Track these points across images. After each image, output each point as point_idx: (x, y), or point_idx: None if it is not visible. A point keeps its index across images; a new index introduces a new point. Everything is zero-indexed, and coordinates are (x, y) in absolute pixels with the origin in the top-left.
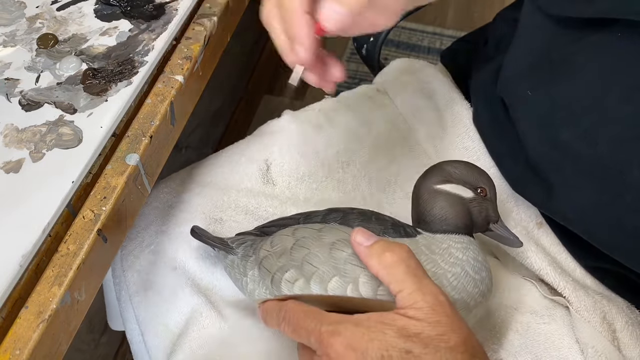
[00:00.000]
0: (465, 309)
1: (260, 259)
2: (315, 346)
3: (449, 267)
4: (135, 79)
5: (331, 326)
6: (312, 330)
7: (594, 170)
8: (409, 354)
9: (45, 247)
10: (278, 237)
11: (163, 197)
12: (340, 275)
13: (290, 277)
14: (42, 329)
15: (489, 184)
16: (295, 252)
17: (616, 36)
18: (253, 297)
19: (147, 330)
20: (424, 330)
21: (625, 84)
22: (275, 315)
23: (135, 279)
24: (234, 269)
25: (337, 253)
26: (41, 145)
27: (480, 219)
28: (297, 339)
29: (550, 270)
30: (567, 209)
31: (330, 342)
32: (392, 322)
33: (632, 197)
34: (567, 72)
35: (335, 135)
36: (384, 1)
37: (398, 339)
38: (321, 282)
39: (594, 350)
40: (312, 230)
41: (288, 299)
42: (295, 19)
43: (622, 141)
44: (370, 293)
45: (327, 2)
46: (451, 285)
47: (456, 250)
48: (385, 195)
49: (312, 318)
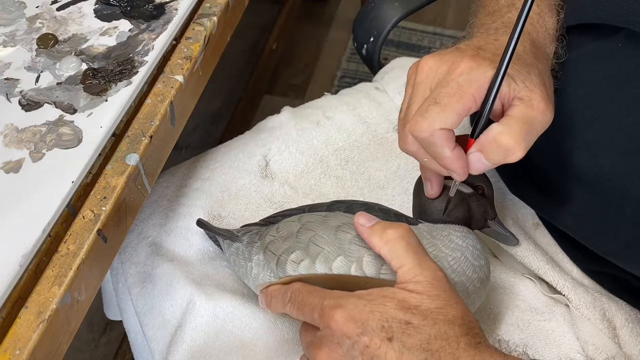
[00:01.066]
0: (464, 292)
1: (266, 243)
2: (318, 321)
3: (450, 252)
4: (135, 78)
5: (333, 300)
6: (315, 305)
7: (594, 181)
8: (408, 325)
9: (45, 247)
10: (284, 223)
11: (162, 190)
12: (345, 255)
13: (296, 258)
14: (42, 329)
15: (486, 183)
16: (301, 235)
17: (617, 46)
18: (257, 282)
19: (145, 322)
20: (423, 303)
21: (627, 95)
22: (280, 298)
23: (133, 271)
24: (238, 256)
25: (342, 235)
26: (41, 145)
27: (478, 214)
28: (301, 318)
29: (549, 269)
30: (565, 215)
31: (331, 314)
32: (392, 295)
33: (633, 209)
34: (567, 82)
35: (334, 132)
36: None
37: (398, 310)
38: (326, 262)
39: (594, 348)
40: (318, 216)
41: (293, 282)
42: (447, 163)
43: (624, 153)
44: (373, 272)
45: (475, 153)
46: (451, 268)
47: (456, 237)
48: (384, 192)
49: (316, 295)
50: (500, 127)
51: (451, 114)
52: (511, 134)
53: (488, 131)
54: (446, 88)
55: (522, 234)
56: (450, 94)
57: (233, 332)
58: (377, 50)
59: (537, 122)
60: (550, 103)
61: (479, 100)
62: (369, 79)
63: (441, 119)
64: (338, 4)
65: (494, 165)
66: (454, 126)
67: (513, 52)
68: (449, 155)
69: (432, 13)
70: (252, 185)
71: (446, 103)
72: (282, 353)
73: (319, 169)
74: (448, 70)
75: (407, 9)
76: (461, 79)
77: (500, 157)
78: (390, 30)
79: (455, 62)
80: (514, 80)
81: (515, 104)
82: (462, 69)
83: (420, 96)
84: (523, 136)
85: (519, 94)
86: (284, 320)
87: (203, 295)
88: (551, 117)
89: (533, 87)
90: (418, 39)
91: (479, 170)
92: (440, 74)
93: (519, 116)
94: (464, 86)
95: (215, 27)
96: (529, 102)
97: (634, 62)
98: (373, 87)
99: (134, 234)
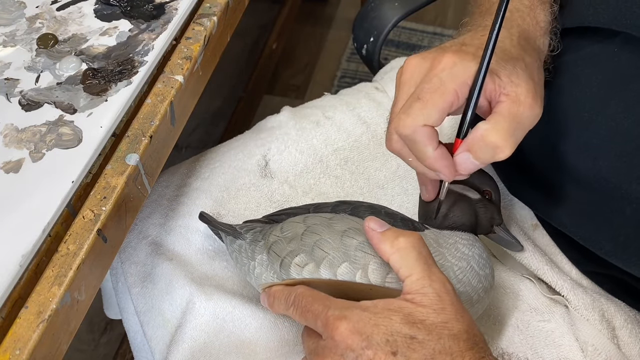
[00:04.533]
0: (468, 302)
1: (269, 243)
2: (321, 330)
3: (456, 261)
4: (135, 78)
5: (338, 310)
6: (319, 313)
7: (592, 182)
8: (413, 339)
9: (45, 247)
10: (288, 224)
11: (162, 190)
12: (351, 261)
13: (300, 261)
14: (42, 329)
15: (493, 188)
16: (306, 238)
17: (613, 50)
18: (259, 282)
19: (145, 322)
20: (428, 317)
21: (624, 97)
22: (283, 300)
23: (133, 270)
24: (241, 254)
25: (348, 240)
26: (41, 145)
27: (485, 220)
28: (304, 323)
29: (548, 269)
30: (563, 215)
31: (336, 326)
32: (398, 308)
33: (632, 210)
34: (565, 84)
35: (334, 132)
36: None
37: (403, 325)
38: (331, 267)
39: (593, 349)
40: (323, 219)
41: (296, 284)
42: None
43: (622, 155)
44: (378, 280)
45: (464, 153)
46: (457, 278)
47: (463, 245)
48: (384, 192)
49: (320, 302)
50: (487, 125)
51: (433, 110)
52: (498, 131)
53: (475, 130)
54: (428, 84)
55: (521, 235)
56: (433, 90)
57: (233, 331)
58: (377, 50)
59: (525, 118)
60: (537, 97)
61: (461, 95)
62: (369, 79)
63: (424, 115)
64: (338, 4)
65: (484, 164)
66: (437, 123)
67: (494, 47)
68: (432, 155)
69: (432, 13)
70: (251, 185)
71: (428, 99)
72: (282, 353)
73: (319, 169)
74: (430, 67)
75: (407, 9)
76: (443, 74)
77: (489, 155)
78: (390, 30)
79: (437, 58)
80: (499, 76)
81: (502, 100)
82: (443, 65)
83: (405, 94)
84: (510, 133)
85: (505, 89)
86: (284, 320)
87: (203, 295)
88: (539, 111)
89: (519, 82)
90: (418, 39)
91: (469, 170)
92: (423, 70)
93: (506, 113)
94: (445, 81)
95: (215, 27)
96: (515, 98)
97: (631, 64)
98: (373, 87)
99: (134, 234)
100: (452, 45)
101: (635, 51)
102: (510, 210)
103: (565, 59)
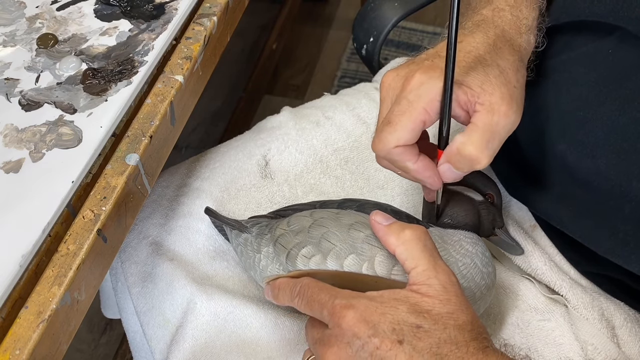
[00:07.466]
0: (471, 298)
1: (276, 236)
2: (327, 319)
3: (460, 257)
4: (135, 78)
5: (345, 299)
6: (325, 302)
7: (591, 181)
8: (419, 329)
9: (45, 247)
10: (295, 218)
11: (162, 190)
12: (357, 253)
13: (307, 253)
14: (42, 329)
15: (496, 192)
16: (313, 230)
17: (610, 48)
18: (264, 274)
19: (146, 322)
20: (434, 307)
21: (619, 95)
22: (289, 291)
23: (134, 270)
24: (246, 247)
25: (355, 233)
26: (41, 145)
27: (487, 222)
28: (309, 313)
29: (547, 269)
30: (562, 214)
31: (342, 314)
32: (404, 298)
33: (631, 207)
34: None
35: (334, 132)
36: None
37: (410, 314)
38: (337, 259)
39: (593, 348)
40: (331, 213)
41: (301, 276)
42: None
43: (620, 153)
44: (384, 272)
45: (444, 164)
46: (461, 273)
47: (467, 243)
48: (384, 192)
49: (326, 292)
50: (462, 138)
51: (403, 132)
52: (473, 143)
53: (452, 142)
54: (398, 106)
55: (520, 235)
56: (401, 112)
57: (234, 331)
58: (377, 50)
59: (500, 127)
60: (513, 103)
61: (432, 112)
62: (369, 79)
63: (394, 137)
64: (338, 4)
65: (466, 173)
66: (410, 141)
67: (454, 65)
68: (414, 168)
69: (432, 13)
70: (251, 185)
71: (397, 122)
72: (283, 353)
73: (319, 169)
74: (402, 87)
75: (407, 9)
76: (411, 95)
77: (467, 166)
78: (390, 30)
79: (408, 77)
80: (470, 87)
81: (477, 109)
82: (412, 85)
83: (384, 110)
84: (485, 144)
85: (480, 99)
86: (285, 320)
87: (204, 295)
88: (515, 117)
89: (492, 90)
90: (418, 39)
91: (453, 179)
92: (397, 89)
93: (480, 124)
94: (413, 102)
95: (215, 27)
96: (489, 107)
97: (626, 63)
98: (373, 87)
99: (134, 234)
100: (425, 59)
101: (630, 49)
102: (508, 211)
103: (560, 58)
